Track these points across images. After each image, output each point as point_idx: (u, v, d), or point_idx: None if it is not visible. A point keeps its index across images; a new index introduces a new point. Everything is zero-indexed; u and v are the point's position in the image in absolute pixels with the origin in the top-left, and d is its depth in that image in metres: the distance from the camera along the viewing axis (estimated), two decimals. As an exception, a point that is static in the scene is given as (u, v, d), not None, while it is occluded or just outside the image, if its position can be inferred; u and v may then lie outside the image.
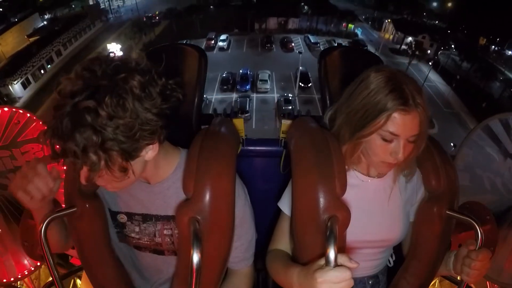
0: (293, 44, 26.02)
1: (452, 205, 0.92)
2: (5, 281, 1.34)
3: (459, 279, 0.89)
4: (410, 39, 27.68)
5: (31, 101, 19.94)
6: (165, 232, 0.92)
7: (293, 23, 30.43)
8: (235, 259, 0.94)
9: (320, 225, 0.79)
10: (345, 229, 0.82)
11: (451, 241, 1.03)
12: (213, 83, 19.44)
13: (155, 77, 0.71)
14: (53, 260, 0.86)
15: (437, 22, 32.49)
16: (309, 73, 19.90)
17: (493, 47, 27.69)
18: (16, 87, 20.22)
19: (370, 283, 1.04)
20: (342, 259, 0.69)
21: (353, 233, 0.88)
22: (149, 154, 0.75)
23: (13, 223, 1.31)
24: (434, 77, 23.34)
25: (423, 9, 34.13)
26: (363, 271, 1.03)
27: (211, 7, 34.78)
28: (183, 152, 0.91)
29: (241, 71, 20.21)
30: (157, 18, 31.54)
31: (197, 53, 1.19)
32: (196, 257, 0.73)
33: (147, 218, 0.91)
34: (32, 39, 26.02)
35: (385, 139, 0.81)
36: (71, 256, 1.76)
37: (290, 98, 17.74)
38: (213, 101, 18.47)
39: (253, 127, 16.32)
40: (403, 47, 27.67)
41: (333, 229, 0.73)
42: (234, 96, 19.03)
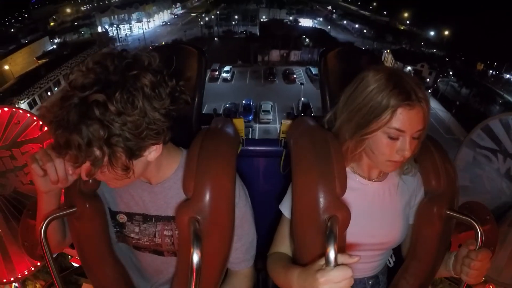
0: (295, 75, 26.42)
1: (452, 205, 0.92)
2: (5, 281, 1.34)
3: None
4: (409, 68, 27.90)
5: None
6: (165, 232, 0.92)
7: (295, 56, 31.13)
8: (235, 260, 0.94)
9: (320, 225, 0.78)
10: (345, 229, 0.82)
11: (451, 241, 1.03)
12: (216, 109, 19.48)
13: (166, 78, 0.71)
14: (53, 260, 0.86)
15: (435, 50, 33.22)
16: (310, 103, 20.18)
17: (490, 71, 28.09)
18: (22, 107, 20.20)
19: (370, 283, 1.04)
20: (342, 258, 0.69)
21: (353, 235, 0.88)
22: (152, 155, 0.75)
23: (13, 223, 1.31)
24: (434, 105, 23.44)
25: (421, 39, 35.10)
26: (363, 272, 1.03)
27: (216, 39, 35.96)
28: (185, 152, 0.91)
29: (244, 102, 20.49)
30: (163, 43, 31.80)
31: (197, 53, 1.19)
32: (196, 257, 0.73)
33: (147, 218, 0.91)
34: (41, 61, 26.55)
35: (391, 137, 0.81)
36: (71, 256, 1.76)
37: None
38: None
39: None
40: None
41: (333, 229, 0.73)
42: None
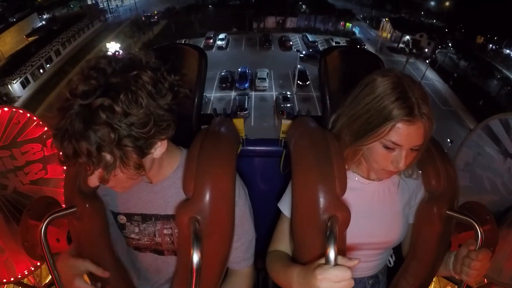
0: (291, 42, 26.09)
1: (452, 205, 0.92)
2: (5, 281, 1.34)
3: (458, 278, 0.89)
4: (407, 37, 27.73)
5: (30, 100, 19.95)
6: (165, 231, 0.92)
7: (291, 22, 30.51)
8: (235, 259, 0.94)
9: (320, 225, 0.78)
10: (345, 229, 0.82)
11: (451, 241, 1.03)
12: (212, 81, 19.55)
13: (165, 74, 0.71)
14: (53, 260, 0.86)
15: (435, 21, 32.55)
16: (307, 71, 20.02)
17: (490, 45, 27.74)
18: (15, 86, 20.21)
19: (370, 283, 1.04)
20: (342, 260, 0.68)
21: (353, 235, 0.88)
22: (158, 151, 0.75)
23: (13, 223, 1.31)
24: (431, 75, 23.38)
25: (421, 8, 34.24)
26: (362, 272, 1.03)
27: (210, 6, 34.91)
28: (184, 151, 0.91)
29: (239, 70, 20.34)
30: (156, 17, 31.63)
31: (197, 53, 1.19)
32: (196, 257, 0.73)
33: (146, 218, 0.91)
34: (31, 39, 26.04)
35: (387, 147, 0.80)
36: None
37: (288, 96, 17.88)
38: (212, 99, 18.59)
39: (252, 124, 16.44)
40: (401, 45, 27.76)
41: (333, 229, 0.73)
42: (233, 94, 19.13)
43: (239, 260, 0.95)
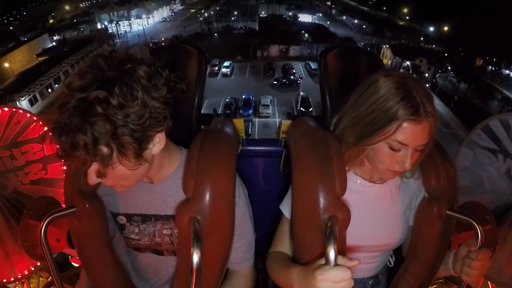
0: (294, 70, 26.46)
1: (452, 205, 0.92)
2: (5, 281, 1.34)
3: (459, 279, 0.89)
4: (408, 63, 28.03)
5: None
6: (165, 232, 0.92)
7: (294, 51, 31.09)
8: (236, 260, 0.94)
9: (320, 225, 0.78)
10: (345, 229, 0.82)
11: (451, 241, 1.03)
12: (216, 108, 19.46)
13: (159, 69, 0.72)
14: (53, 260, 0.86)
15: (434, 46, 33.11)
16: (309, 97, 20.24)
17: (490, 67, 28.02)
18: (23, 103, 20.37)
19: (370, 283, 1.04)
20: (342, 260, 0.68)
21: (354, 237, 0.88)
22: (156, 147, 0.76)
23: (13, 223, 1.31)
24: (432, 95, 23.52)
25: (420, 34, 35.00)
26: (363, 272, 1.03)
27: (215, 34, 36.01)
28: (185, 151, 0.91)
29: (243, 96, 20.55)
30: (163, 44, 31.75)
31: (197, 52, 1.19)
32: (196, 257, 0.73)
33: (146, 218, 0.91)
34: (41, 59, 26.54)
35: (392, 148, 0.80)
36: (71, 256, 1.76)
37: None
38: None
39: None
40: (401, 70, 27.80)
41: (333, 229, 0.73)
42: None
43: (239, 260, 0.95)
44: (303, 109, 19.30)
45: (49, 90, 23.07)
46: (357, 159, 0.87)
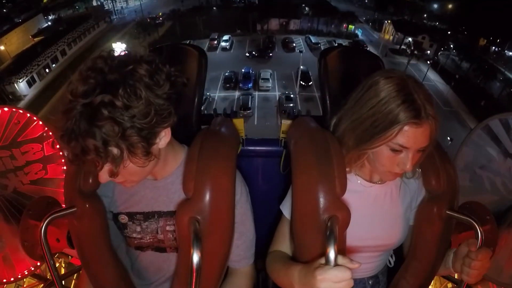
0: (294, 44, 26.34)
1: (452, 205, 0.92)
2: (5, 281, 1.34)
3: (457, 277, 0.89)
4: (410, 39, 27.84)
5: (36, 99, 20.09)
6: (168, 228, 0.92)
7: (294, 24, 30.85)
8: (236, 258, 0.94)
9: (320, 225, 0.78)
10: (345, 229, 0.82)
11: (451, 241, 1.03)
12: (216, 81, 19.83)
13: (160, 65, 0.72)
14: (53, 260, 0.86)
15: (438, 23, 32.71)
16: (309, 71, 20.25)
17: (493, 48, 27.82)
18: (21, 85, 20.36)
19: (370, 283, 1.04)
20: (342, 260, 0.69)
21: (354, 237, 0.88)
22: (163, 141, 0.76)
23: (13, 223, 1.31)
24: (433, 77, 23.46)
25: (423, 11, 34.38)
26: (362, 272, 1.03)
27: (214, 8, 35.41)
28: (187, 149, 0.91)
29: (243, 70, 20.61)
30: (161, 19, 32.01)
31: (197, 53, 1.19)
32: (196, 257, 0.73)
33: (148, 215, 0.92)
34: (36, 39, 26.23)
35: (393, 150, 0.79)
36: (71, 256, 1.76)
37: (291, 95, 18.12)
38: (216, 98, 18.77)
39: (255, 123, 16.72)
40: (402, 47, 27.90)
41: (333, 229, 0.73)
42: (236, 94, 19.34)
43: (240, 258, 0.95)
44: (303, 83, 19.58)
45: (47, 70, 22.93)
46: (358, 162, 0.87)
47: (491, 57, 26.97)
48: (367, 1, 38.84)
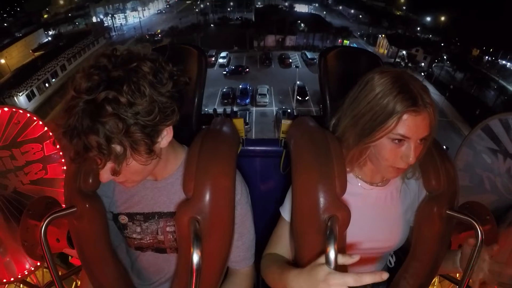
0: (290, 60, 26.69)
1: (452, 205, 0.92)
2: (5, 281, 1.34)
3: (458, 277, 0.89)
4: (404, 52, 28.25)
5: (36, 113, 19.91)
6: (168, 229, 0.92)
7: (290, 41, 31.34)
8: (236, 258, 0.94)
9: (320, 225, 0.78)
10: (345, 229, 0.82)
11: (451, 241, 1.03)
12: (214, 97, 20.07)
13: (163, 64, 0.72)
14: (53, 260, 0.86)
15: (431, 36, 33.22)
16: (306, 87, 20.48)
17: (486, 57, 28.23)
18: (21, 99, 20.40)
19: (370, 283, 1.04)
20: (342, 259, 0.68)
21: (354, 239, 0.88)
22: (164, 140, 0.76)
23: (13, 223, 1.31)
24: (428, 88, 23.66)
25: (416, 24, 35.07)
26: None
27: (211, 25, 36.05)
28: (187, 149, 0.91)
29: (240, 86, 20.78)
30: (160, 35, 32.40)
31: (197, 53, 1.19)
32: (196, 257, 0.73)
33: (149, 216, 0.91)
34: (37, 54, 26.46)
35: (395, 142, 0.79)
36: (71, 256, 1.76)
37: (288, 111, 18.29)
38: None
39: (253, 137, 16.75)
40: (397, 60, 28.33)
41: (333, 229, 0.73)
42: (234, 109, 19.31)
43: (240, 259, 0.95)
44: (300, 98, 19.70)
45: (46, 84, 23.02)
46: (361, 159, 0.86)
47: (484, 66, 27.28)
48: (361, 16, 39.64)
